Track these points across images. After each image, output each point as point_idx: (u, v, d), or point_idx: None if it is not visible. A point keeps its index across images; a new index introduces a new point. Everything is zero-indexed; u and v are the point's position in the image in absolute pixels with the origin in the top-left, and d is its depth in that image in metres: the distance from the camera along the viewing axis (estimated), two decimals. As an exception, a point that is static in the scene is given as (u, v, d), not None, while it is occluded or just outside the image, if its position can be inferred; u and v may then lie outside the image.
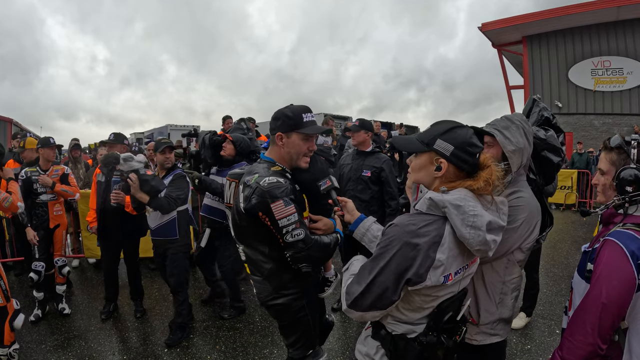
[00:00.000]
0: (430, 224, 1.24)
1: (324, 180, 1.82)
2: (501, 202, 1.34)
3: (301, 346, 1.92)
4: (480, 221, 1.21)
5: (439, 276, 1.21)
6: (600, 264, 1.31)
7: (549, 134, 1.90)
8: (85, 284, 5.04)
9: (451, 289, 1.30)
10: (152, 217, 3.45)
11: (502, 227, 1.31)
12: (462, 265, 1.29)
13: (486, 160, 1.31)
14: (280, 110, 1.82)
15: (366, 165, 3.73)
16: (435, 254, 1.20)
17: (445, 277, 1.23)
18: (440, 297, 1.29)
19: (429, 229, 1.23)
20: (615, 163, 1.45)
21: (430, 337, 1.29)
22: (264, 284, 1.86)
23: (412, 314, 1.31)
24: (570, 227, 8.43)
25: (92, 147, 9.66)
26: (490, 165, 1.30)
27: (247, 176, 1.76)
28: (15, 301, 2.90)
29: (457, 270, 1.27)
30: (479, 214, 1.22)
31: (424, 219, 1.26)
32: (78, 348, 3.39)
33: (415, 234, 1.22)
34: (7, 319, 2.78)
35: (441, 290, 1.27)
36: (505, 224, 1.31)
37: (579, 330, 1.31)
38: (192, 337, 3.58)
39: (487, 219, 1.23)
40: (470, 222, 1.20)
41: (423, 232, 1.22)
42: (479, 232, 1.21)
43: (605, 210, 1.50)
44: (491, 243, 1.25)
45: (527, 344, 3.42)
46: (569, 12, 13.71)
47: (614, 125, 14.16)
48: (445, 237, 1.22)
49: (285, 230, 1.65)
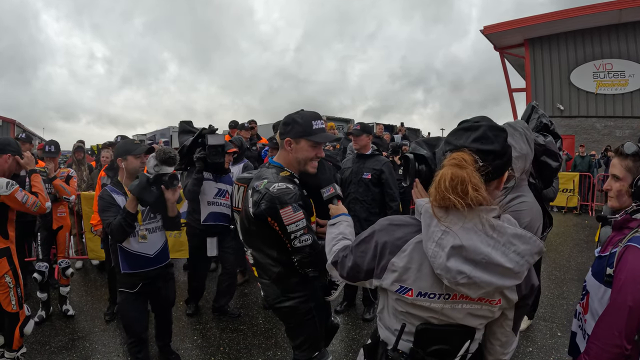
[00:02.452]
0: (403, 226, 1.18)
1: (328, 188, 1.85)
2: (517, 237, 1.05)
3: (307, 348, 1.94)
4: (446, 241, 1.03)
5: (391, 281, 1.14)
6: (624, 269, 1.34)
7: (548, 139, 1.96)
8: (89, 286, 5.07)
9: (426, 312, 1.15)
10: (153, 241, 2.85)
11: (497, 264, 1.02)
12: (440, 293, 1.11)
13: (446, 160, 1.09)
14: (290, 116, 1.84)
15: (366, 167, 3.81)
16: (392, 257, 1.13)
17: (402, 288, 1.13)
18: (414, 316, 1.17)
19: (396, 230, 1.18)
20: (632, 170, 1.49)
21: (396, 355, 1.20)
22: (272, 287, 1.88)
23: (390, 320, 1.25)
24: (572, 229, 8.42)
25: (94, 149, 9.68)
26: (445, 167, 1.07)
27: (256, 181, 1.78)
28: (27, 307, 2.93)
29: (426, 292, 1.11)
30: (449, 231, 1.03)
31: (405, 220, 1.22)
32: (82, 349, 3.41)
33: (384, 229, 1.20)
34: (18, 325, 2.83)
35: (410, 307, 1.16)
36: (512, 267, 1.03)
37: (606, 334, 1.34)
38: (196, 338, 3.61)
39: (457, 242, 1.02)
40: (437, 237, 1.05)
41: (389, 229, 1.19)
42: (441, 252, 1.03)
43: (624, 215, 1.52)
44: (456, 274, 1.02)
45: (529, 347, 3.43)
46: (571, 15, 13.71)
47: (615, 128, 14.14)
48: (409, 245, 1.12)
49: (293, 235, 1.68)
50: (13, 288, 2.75)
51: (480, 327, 1.20)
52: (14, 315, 2.79)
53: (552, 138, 2.02)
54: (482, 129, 1.12)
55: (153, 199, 2.65)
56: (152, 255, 2.80)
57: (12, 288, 2.74)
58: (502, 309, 1.17)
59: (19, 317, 2.83)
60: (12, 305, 2.76)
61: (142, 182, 2.58)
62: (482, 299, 1.11)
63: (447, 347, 1.18)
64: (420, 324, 1.17)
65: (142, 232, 2.74)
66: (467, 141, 1.11)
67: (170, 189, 2.73)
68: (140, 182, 2.58)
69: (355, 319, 3.97)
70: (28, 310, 2.95)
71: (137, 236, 2.72)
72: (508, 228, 1.05)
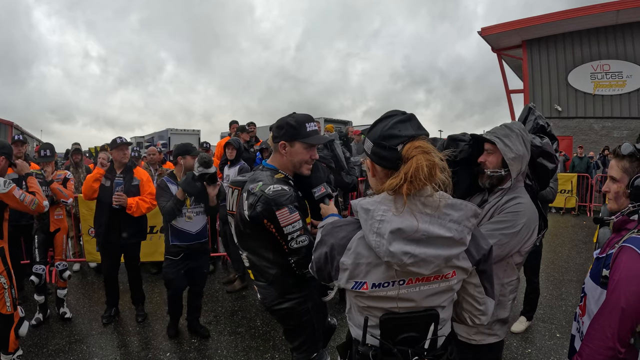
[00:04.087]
0: (345, 226, 1.20)
1: (319, 188, 1.86)
2: (449, 206, 1.11)
3: (306, 350, 1.93)
4: (384, 228, 1.06)
5: (345, 280, 1.16)
6: (618, 270, 1.33)
7: (544, 141, 1.96)
8: (86, 288, 5.05)
9: (386, 303, 1.16)
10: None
11: (437, 236, 1.07)
12: (394, 280, 1.12)
13: (410, 150, 1.09)
14: (283, 119, 1.84)
15: None
16: (341, 257, 1.15)
17: (357, 283, 1.14)
18: (375, 308, 1.18)
19: (339, 230, 1.19)
20: (628, 170, 1.47)
21: (365, 349, 1.19)
22: (269, 289, 1.87)
23: (357, 317, 1.26)
24: (570, 230, 8.43)
25: (92, 151, 9.65)
26: (415, 156, 1.07)
27: (251, 184, 1.78)
28: (21, 309, 2.91)
29: (380, 282, 1.13)
30: (385, 219, 1.07)
31: (346, 220, 1.24)
32: (79, 352, 3.39)
33: (329, 232, 1.21)
34: (13, 327, 2.80)
35: (369, 300, 1.17)
36: (452, 234, 1.08)
37: (599, 335, 1.33)
38: (194, 341, 3.59)
39: (394, 226, 1.05)
40: (375, 228, 1.07)
41: (333, 232, 1.20)
42: (382, 240, 1.06)
43: (621, 217, 1.51)
44: (401, 255, 1.05)
45: (528, 348, 3.43)
46: (569, 16, 13.78)
47: (613, 128, 14.20)
48: (353, 242, 1.14)
49: (290, 237, 1.68)
50: (7, 289, 2.73)
51: (445, 304, 1.21)
52: (8, 317, 2.77)
53: (548, 140, 2.02)
54: (415, 119, 1.18)
55: (195, 192, 3.41)
56: (194, 233, 3.53)
57: (6, 289, 2.72)
58: (461, 280, 1.20)
59: (13, 319, 2.80)
60: (7, 306, 2.73)
61: (188, 178, 3.38)
62: (437, 276, 1.14)
63: (413, 333, 1.19)
64: (383, 315, 1.18)
65: (188, 213, 3.50)
66: (417, 130, 1.15)
67: (211, 186, 3.48)
68: (187, 178, 3.38)
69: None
70: (22, 311, 2.93)
71: (185, 217, 3.47)
72: (439, 201, 1.09)
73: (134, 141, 19.54)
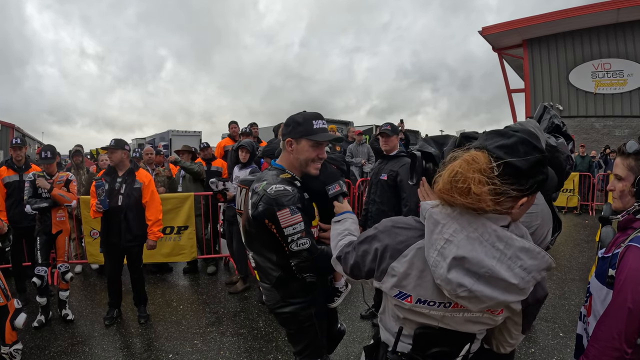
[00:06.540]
0: (406, 230, 1.15)
1: (333, 185, 1.81)
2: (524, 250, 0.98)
3: (308, 355, 1.90)
4: (449, 250, 0.98)
5: (390, 286, 1.12)
6: (624, 269, 1.31)
7: (560, 141, 1.92)
8: (88, 290, 5.04)
9: (425, 319, 1.14)
10: None
11: (501, 279, 0.97)
12: (441, 301, 1.08)
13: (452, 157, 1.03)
14: (291, 117, 1.83)
15: (386, 169, 3.71)
16: (393, 261, 1.10)
17: (401, 293, 1.10)
18: (412, 321, 1.16)
19: (399, 233, 1.14)
20: (634, 169, 1.45)
21: (395, 357, 1.18)
22: (272, 292, 1.85)
23: (390, 322, 1.25)
24: (572, 230, 8.41)
25: (94, 153, 9.65)
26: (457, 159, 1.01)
27: (256, 183, 1.77)
28: (17, 300, 2.89)
29: (426, 299, 1.09)
30: (454, 241, 0.98)
31: (408, 223, 1.18)
32: (82, 354, 3.39)
33: (387, 231, 1.17)
34: (7, 317, 2.77)
35: (409, 313, 1.15)
36: (517, 282, 0.97)
37: (605, 336, 1.31)
38: (196, 342, 3.59)
39: (460, 253, 0.97)
40: (440, 246, 1.00)
41: (392, 232, 1.16)
42: (442, 262, 0.99)
43: (626, 216, 1.49)
44: (456, 286, 0.98)
45: (531, 347, 3.41)
46: (569, 15, 13.74)
47: (615, 127, 14.16)
48: (411, 250, 1.09)
49: (290, 238, 1.65)
50: None
51: (481, 332, 1.18)
52: (2, 308, 2.75)
53: (563, 140, 1.97)
54: (514, 139, 1.00)
55: None
56: None
57: None
58: (505, 317, 1.15)
59: (8, 310, 2.78)
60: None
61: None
62: (493, 310, 1.08)
63: (446, 349, 1.16)
64: (418, 328, 1.15)
65: None
66: (492, 144, 1.02)
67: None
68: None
69: (355, 322, 3.95)
70: (18, 303, 2.91)
71: None
72: (516, 240, 0.99)
73: (135, 142, 19.53)
